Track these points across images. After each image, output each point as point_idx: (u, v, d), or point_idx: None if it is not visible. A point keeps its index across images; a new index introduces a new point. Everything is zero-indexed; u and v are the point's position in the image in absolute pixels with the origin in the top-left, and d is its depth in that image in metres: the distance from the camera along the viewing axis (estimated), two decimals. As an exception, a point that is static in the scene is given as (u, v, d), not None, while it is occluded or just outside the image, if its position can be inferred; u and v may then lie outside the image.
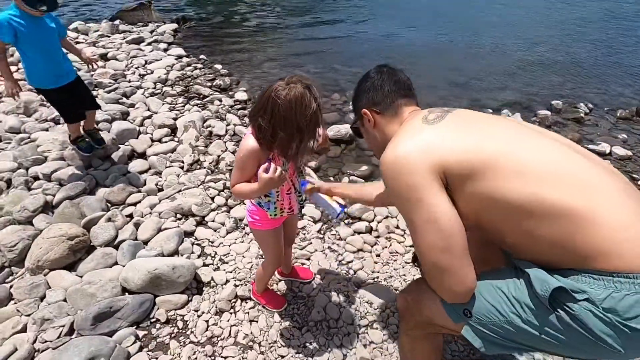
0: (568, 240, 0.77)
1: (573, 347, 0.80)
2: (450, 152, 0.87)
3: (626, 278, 0.71)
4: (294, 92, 1.03)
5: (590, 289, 0.73)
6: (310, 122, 1.07)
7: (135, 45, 4.73)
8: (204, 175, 2.51)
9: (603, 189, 0.79)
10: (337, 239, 2.09)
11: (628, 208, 0.77)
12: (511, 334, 0.86)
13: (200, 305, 1.69)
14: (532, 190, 0.79)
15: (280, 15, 6.51)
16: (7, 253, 1.81)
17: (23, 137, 2.75)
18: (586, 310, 0.73)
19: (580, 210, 0.76)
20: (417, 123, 0.99)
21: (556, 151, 0.86)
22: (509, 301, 0.86)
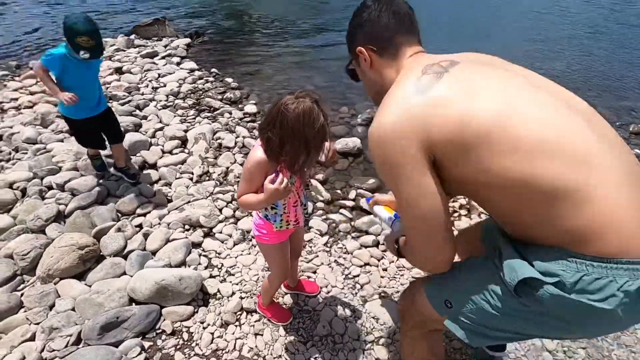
0: (555, 220, 0.75)
1: (541, 328, 0.84)
2: (440, 127, 0.79)
3: (602, 262, 0.70)
4: (302, 106, 1.05)
5: (562, 271, 0.73)
6: (318, 136, 1.09)
7: (149, 59, 4.86)
8: (212, 187, 2.54)
9: (597, 166, 0.73)
10: (343, 253, 2.08)
11: (621, 188, 0.73)
12: (485, 320, 0.90)
13: (205, 317, 1.69)
14: (526, 169, 0.74)
15: (291, 31, 6.65)
16: (19, 261, 1.85)
17: (39, 147, 2.83)
18: (554, 294, 0.73)
19: (571, 191, 0.72)
20: (411, 82, 0.86)
21: (556, 115, 0.78)
22: (480, 288, 0.89)
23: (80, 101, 2.02)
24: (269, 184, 1.10)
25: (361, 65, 1.06)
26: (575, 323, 0.78)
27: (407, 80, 0.88)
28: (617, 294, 0.69)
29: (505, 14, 7.94)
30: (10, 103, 3.58)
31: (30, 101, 3.60)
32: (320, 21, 7.11)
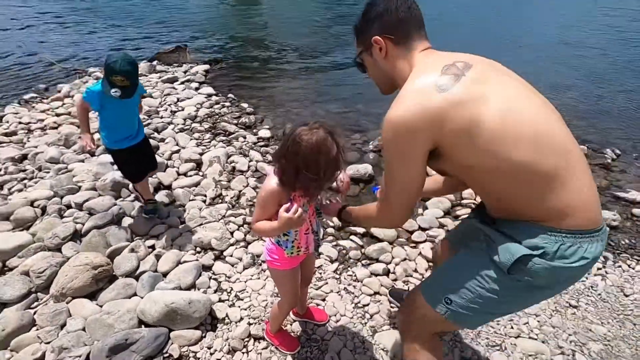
0: (540, 199, 0.91)
1: (530, 300, 1.06)
2: (454, 123, 0.91)
3: (571, 234, 0.89)
4: (316, 137, 1.08)
5: (545, 243, 0.90)
6: (331, 166, 1.12)
7: (169, 84, 5.07)
8: (225, 210, 2.57)
9: (574, 157, 0.92)
10: (353, 280, 2.06)
11: (584, 172, 0.93)
12: (483, 306, 1.01)
13: (213, 343, 1.68)
14: (527, 156, 0.88)
15: (305, 59, 6.88)
16: (35, 279, 1.89)
17: (61, 167, 2.94)
18: (539, 264, 0.90)
19: (559, 175, 0.89)
20: (432, 80, 0.94)
21: (544, 115, 0.95)
22: (473, 277, 1.02)
23: (118, 133, 2.14)
24: (284, 212, 1.12)
25: (374, 55, 1.10)
26: (554, 286, 0.99)
27: (427, 77, 0.96)
28: (585, 256, 0.90)
29: (516, 48, 8.07)
30: (37, 124, 3.75)
31: (56, 122, 3.78)
32: (334, 50, 7.34)
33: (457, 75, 0.93)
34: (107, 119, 2.11)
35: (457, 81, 0.92)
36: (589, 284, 2.10)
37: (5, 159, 3.01)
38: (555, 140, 0.91)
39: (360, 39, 1.13)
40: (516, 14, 11.55)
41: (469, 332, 1.77)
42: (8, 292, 1.80)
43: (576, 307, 1.95)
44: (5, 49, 6.65)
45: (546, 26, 9.93)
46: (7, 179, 2.77)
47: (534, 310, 1.91)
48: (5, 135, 3.48)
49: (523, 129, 0.89)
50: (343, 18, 10.05)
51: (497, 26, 9.71)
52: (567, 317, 1.89)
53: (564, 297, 2.00)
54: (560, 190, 0.89)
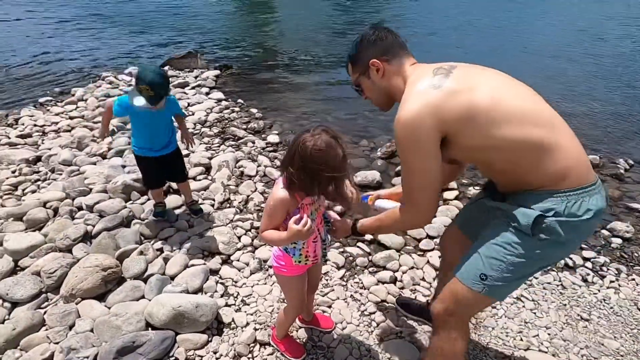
0: (540, 168, 1.04)
1: (554, 256, 1.15)
2: (453, 110, 1.05)
3: (573, 191, 1.02)
4: (319, 141, 1.09)
5: (554, 205, 1.03)
6: (342, 164, 1.13)
7: (180, 88, 5.14)
8: (232, 214, 2.59)
9: (560, 127, 1.08)
10: (360, 288, 2.05)
11: (573, 139, 1.08)
12: (515, 272, 1.10)
13: (219, 347, 1.68)
14: (519, 132, 1.03)
15: (314, 65, 6.93)
16: (46, 279, 1.91)
17: (73, 169, 2.99)
18: (554, 222, 1.03)
19: (549, 144, 1.03)
20: (425, 84, 1.11)
21: (530, 98, 1.11)
22: (502, 248, 1.11)
23: (143, 141, 2.22)
24: (293, 224, 1.13)
25: (372, 77, 1.26)
26: (573, 240, 1.09)
27: (423, 81, 1.12)
28: (589, 208, 1.03)
29: (526, 55, 8.03)
30: (51, 126, 3.84)
31: (69, 125, 3.85)
32: (344, 58, 7.37)
33: (446, 74, 1.11)
34: (135, 126, 2.22)
35: (448, 77, 1.10)
36: (601, 296, 2.06)
37: (20, 161, 3.08)
38: (541, 116, 1.07)
39: (357, 65, 1.28)
40: (539, 17, 11.53)
41: (477, 344, 1.74)
42: (19, 291, 1.83)
43: (588, 320, 1.90)
44: (24, 53, 6.82)
45: (564, 31, 9.87)
46: (22, 180, 2.83)
47: (545, 322, 1.87)
48: (20, 137, 3.56)
49: (510, 110, 1.05)
50: (353, 26, 10.12)
51: (524, 31, 9.67)
52: (579, 331, 1.85)
53: (575, 310, 1.96)
54: (553, 158, 1.03)
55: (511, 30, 10.10)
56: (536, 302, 2.00)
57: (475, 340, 1.76)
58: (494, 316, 1.90)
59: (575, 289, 2.11)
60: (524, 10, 12.70)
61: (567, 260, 2.29)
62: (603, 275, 2.22)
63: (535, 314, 1.93)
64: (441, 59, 1.22)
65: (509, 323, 1.86)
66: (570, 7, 13.67)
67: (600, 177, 3.38)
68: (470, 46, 8.24)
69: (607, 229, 2.63)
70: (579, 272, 2.23)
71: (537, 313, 1.93)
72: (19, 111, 4.27)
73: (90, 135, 3.58)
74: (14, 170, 2.98)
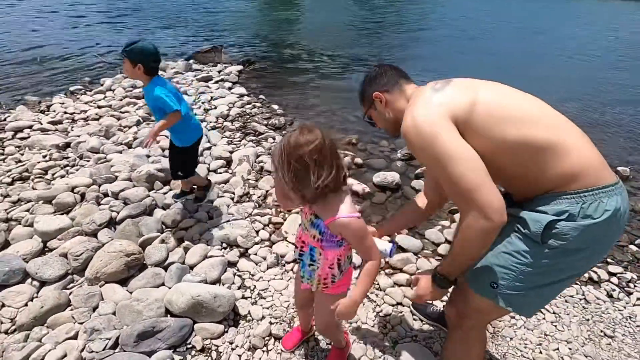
0: (550, 169, 1.01)
1: (574, 265, 1.05)
2: (457, 106, 1.07)
3: (588, 192, 0.98)
4: (293, 137, 1.03)
5: (568, 207, 0.99)
6: (335, 155, 1.05)
7: (204, 82, 5.23)
8: (251, 208, 2.62)
9: (567, 128, 1.05)
10: (376, 289, 2.04)
11: (584, 139, 1.05)
12: (527, 282, 1.06)
13: (235, 338, 1.71)
14: (520, 132, 1.02)
15: (337, 63, 6.92)
16: (72, 261, 1.98)
17: (100, 157, 3.09)
18: (567, 226, 0.98)
19: (556, 144, 1.00)
20: (427, 92, 1.16)
21: (532, 101, 1.11)
22: (511, 256, 1.07)
23: (190, 127, 2.26)
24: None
25: (378, 108, 1.33)
26: (590, 245, 1.01)
27: (423, 92, 1.18)
28: (606, 208, 0.98)
29: (553, 58, 7.79)
30: (80, 114, 3.97)
31: (97, 114, 3.97)
32: (368, 58, 7.33)
33: (446, 82, 1.16)
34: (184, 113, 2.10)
35: (447, 85, 1.15)
36: (627, 313, 1.98)
37: (51, 146, 3.20)
38: (544, 117, 1.05)
39: (365, 101, 1.37)
40: (572, 20, 11.17)
41: (494, 353, 1.71)
42: (48, 271, 1.90)
43: (612, 338, 1.84)
44: (58, 44, 7.08)
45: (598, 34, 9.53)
46: (52, 165, 2.94)
47: (566, 336, 1.82)
48: (51, 123, 3.69)
49: (510, 112, 1.05)
50: (380, 27, 10.04)
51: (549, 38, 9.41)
52: (602, 347, 1.79)
53: (599, 325, 1.90)
54: (562, 158, 1.00)
55: (544, 33, 9.81)
56: (557, 314, 1.94)
57: (492, 350, 1.73)
58: (512, 326, 1.86)
59: (600, 304, 2.04)
60: (554, 13, 12.30)
61: (591, 273, 2.22)
62: (630, 291, 2.14)
63: (556, 327, 1.88)
64: (475, 64, 1.23)
65: (528, 334, 1.82)
66: (600, 6, 13.14)
67: (630, 189, 3.29)
68: (504, 51, 8.05)
69: (636, 244, 2.53)
70: (603, 287, 2.15)
71: (557, 326, 1.88)
72: (51, 98, 4.43)
73: (117, 125, 3.69)
74: (45, 155, 3.10)
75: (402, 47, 8.45)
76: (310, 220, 1.17)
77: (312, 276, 1.26)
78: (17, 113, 3.94)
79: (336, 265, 1.21)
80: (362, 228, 1.11)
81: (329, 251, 1.18)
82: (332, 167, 1.03)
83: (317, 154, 1.01)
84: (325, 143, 1.02)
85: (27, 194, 2.53)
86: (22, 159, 3.04)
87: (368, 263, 1.15)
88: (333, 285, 1.26)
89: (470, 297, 1.19)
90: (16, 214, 2.36)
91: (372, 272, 1.15)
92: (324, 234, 1.15)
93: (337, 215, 1.07)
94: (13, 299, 1.80)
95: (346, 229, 1.09)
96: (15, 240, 2.16)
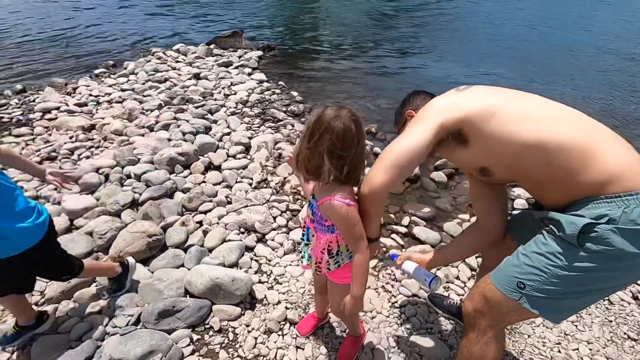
0: (581, 170, 0.97)
1: (612, 276, 0.98)
2: (470, 108, 1.11)
3: (631, 195, 0.91)
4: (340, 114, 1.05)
5: (608, 210, 0.92)
6: (362, 138, 1.08)
7: (224, 67, 5.24)
8: (269, 194, 2.63)
9: (596, 130, 1.01)
10: (391, 279, 2.04)
11: (617, 141, 1.00)
12: (557, 285, 1.01)
13: (251, 321, 1.74)
14: (537, 130, 1.01)
15: (358, 50, 6.79)
16: (97, 240, 2.05)
17: (123, 139, 3.16)
18: (608, 230, 0.92)
19: (584, 145, 0.97)
20: (450, 92, 1.23)
21: (553, 103, 1.10)
22: (544, 257, 1.03)
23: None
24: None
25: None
26: (632, 254, 0.91)
27: (445, 94, 1.25)
28: None
29: (579, 50, 7.40)
30: (104, 97, 4.05)
31: (121, 97, 4.05)
32: (388, 49, 7.17)
33: (467, 87, 1.22)
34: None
35: (468, 88, 1.21)
36: (653, 317, 1.91)
37: (77, 128, 3.29)
38: (565, 120, 1.03)
39: (399, 122, 1.47)
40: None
41: (511, 350, 1.69)
42: (75, 248, 1.98)
43: (636, 341, 1.78)
44: (83, 28, 7.21)
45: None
46: (78, 146, 3.03)
47: (587, 337, 1.78)
48: (77, 105, 3.79)
49: (528, 113, 1.05)
50: (401, 16, 9.78)
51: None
52: (625, 350, 1.74)
53: (622, 327, 1.84)
54: (592, 161, 0.96)
55: (577, 31, 9.35)
56: (579, 314, 1.89)
57: (510, 347, 1.70)
58: (530, 324, 1.82)
59: (624, 306, 1.97)
60: (583, 10, 11.66)
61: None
62: (657, 295, 2.06)
63: (577, 327, 1.83)
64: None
65: (547, 333, 1.78)
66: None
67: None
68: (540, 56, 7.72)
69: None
70: (629, 289, 2.08)
71: (578, 326, 1.84)
72: (76, 81, 4.54)
73: (139, 108, 3.75)
74: (71, 136, 3.19)
75: (427, 37, 8.20)
76: (309, 199, 1.21)
77: (310, 257, 1.28)
78: (45, 94, 4.07)
79: (326, 252, 1.20)
80: (351, 216, 1.09)
81: (320, 234, 1.20)
82: (346, 161, 1.04)
83: (340, 143, 1.02)
84: (352, 134, 1.03)
85: (54, 173, 2.62)
86: (49, 139, 3.14)
87: (356, 257, 1.13)
88: (331, 273, 1.27)
89: (491, 295, 1.14)
90: (45, 192, 2.45)
91: (362, 265, 1.12)
92: (315, 214, 1.17)
93: (328, 196, 1.08)
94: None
95: (334, 212, 1.08)
96: (44, 217, 2.24)
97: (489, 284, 1.16)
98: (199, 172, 2.83)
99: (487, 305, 1.16)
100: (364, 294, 1.18)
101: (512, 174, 1.16)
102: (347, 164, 1.04)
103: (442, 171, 3.09)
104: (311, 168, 1.07)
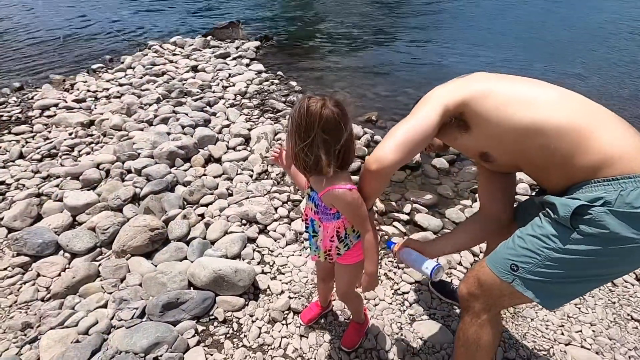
0: (577, 153, 0.96)
1: (607, 262, 0.96)
2: (469, 91, 1.13)
3: (629, 178, 0.90)
4: (320, 102, 1.02)
5: (604, 193, 0.91)
6: (348, 123, 1.07)
7: (222, 59, 5.19)
8: (270, 186, 2.63)
9: (594, 112, 1.01)
10: (394, 267, 2.04)
11: (617, 124, 0.98)
12: (551, 269, 1.00)
13: (255, 311, 1.75)
14: (534, 113, 1.01)
15: (356, 40, 6.69)
16: (100, 235, 2.07)
17: (123, 134, 3.15)
18: (602, 212, 0.90)
19: (580, 127, 0.96)
20: (452, 80, 1.25)
21: (548, 88, 1.09)
22: (538, 240, 1.02)
23: None
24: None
25: None
26: (630, 238, 0.89)
27: (448, 81, 1.25)
28: None
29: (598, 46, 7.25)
30: (102, 92, 4.03)
31: (119, 92, 4.03)
32: (387, 37, 7.06)
33: (462, 76, 1.24)
34: None
35: (468, 75, 1.22)
36: (657, 298, 1.91)
37: (76, 124, 3.29)
38: (564, 104, 1.02)
39: None
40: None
41: (514, 333, 1.69)
42: (78, 244, 1.99)
43: (639, 321, 1.79)
44: (78, 23, 7.14)
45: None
46: (77, 142, 3.03)
47: (590, 318, 1.78)
48: (76, 101, 3.78)
49: (522, 97, 1.05)
50: (400, 9, 9.61)
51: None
52: (628, 331, 1.74)
53: (626, 309, 1.84)
54: (588, 143, 0.95)
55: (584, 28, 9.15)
56: (581, 297, 1.89)
57: (512, 330, 1.71)
58: (534, 307, 1.83)
59: (628, 288, 1.97)
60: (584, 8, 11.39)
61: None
62: (661, 275, 2.05)
63: (580, 309, 1.83)
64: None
65: (550, 316, 1.79)
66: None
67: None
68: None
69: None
70: (633, 270, 2.08)
71: (581, 308, 1.84)
72: (74, 77, 4.51)
73: (138, 102, 3.74)
74: (71, 132, 3.19)
75: (428, 27, 8.06)
76: (307, 192, 1.20)
77: (318, 248, 1.28)
78: (43, 91, 4.05)
79: (336, 238, 1.21)
80: (356, 199, 1.10)
81: (327, 223, 1.19)
82: (340, 149, 1.04)
83: (334, 133, 1.03)
84: (342, 121, 1.03)
85: (55, 170, 2.63)
86: (49, 137, 3.14)
87: (366, 236, 1.15)
88: (340, 257, 1.27)
89: (485, 277, 1.14)
90: (47, 189, 2.46)
91: (372, 243, 1.15)
92: (318, 206, 1.17)
93: (330, 186, 1.08)
94: (47, 269, 1.90)
95: (339, 200, 1.09)
96: (47, 214, 2.26)
97: (483, 267, 1.15)
98: (200, 165, 2.83)
99: (481, 288, 1.15)
100: (377, 270, 1.21)
101: (513, 159, 1.15)
102: (341, 152, 1.05)
103: (443, 157, 3.07)
104: (311, 164, 1.06)
